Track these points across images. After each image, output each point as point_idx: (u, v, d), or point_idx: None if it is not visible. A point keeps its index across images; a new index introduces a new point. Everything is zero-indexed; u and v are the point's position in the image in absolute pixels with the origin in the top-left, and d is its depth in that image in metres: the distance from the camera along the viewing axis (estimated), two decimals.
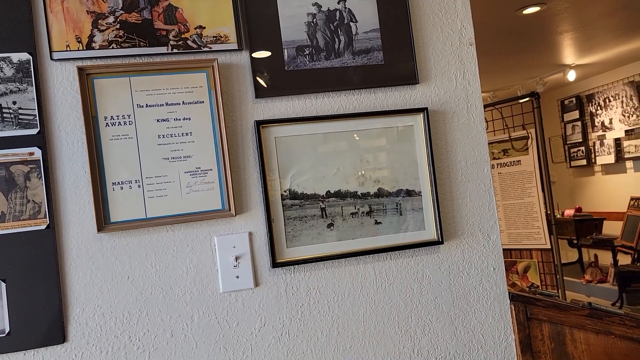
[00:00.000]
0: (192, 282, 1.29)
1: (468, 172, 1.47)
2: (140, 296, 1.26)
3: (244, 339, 1.31)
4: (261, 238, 1.33)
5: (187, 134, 1.29)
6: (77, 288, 1.23)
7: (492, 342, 1.46)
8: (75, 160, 1.24)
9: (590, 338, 1.51)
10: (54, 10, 1.23)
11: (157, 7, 1.28)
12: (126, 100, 1.26)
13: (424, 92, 1.45)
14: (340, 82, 1.39)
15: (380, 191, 1.40)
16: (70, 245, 1.23)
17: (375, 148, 1.40)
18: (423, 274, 1.43)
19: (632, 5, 4.45)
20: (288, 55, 1.36)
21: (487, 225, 1.48)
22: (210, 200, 1.29)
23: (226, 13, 1.32)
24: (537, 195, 4.03)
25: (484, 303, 1.46)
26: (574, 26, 4.93)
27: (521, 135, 4.12)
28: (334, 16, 1.39)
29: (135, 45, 1.26)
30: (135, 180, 1.25)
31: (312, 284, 1.36)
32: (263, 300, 1.33)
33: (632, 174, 7.17)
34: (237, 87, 1.34)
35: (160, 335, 1.26)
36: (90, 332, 1.23)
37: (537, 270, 4.07)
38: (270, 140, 1.34)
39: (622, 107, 7.07)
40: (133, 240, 1.26)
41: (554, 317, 1.49)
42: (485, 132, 1.50)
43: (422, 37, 1.46)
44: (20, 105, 1.20)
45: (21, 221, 1.19)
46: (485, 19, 4.38)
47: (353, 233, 1.38)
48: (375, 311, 1.39)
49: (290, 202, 1.35)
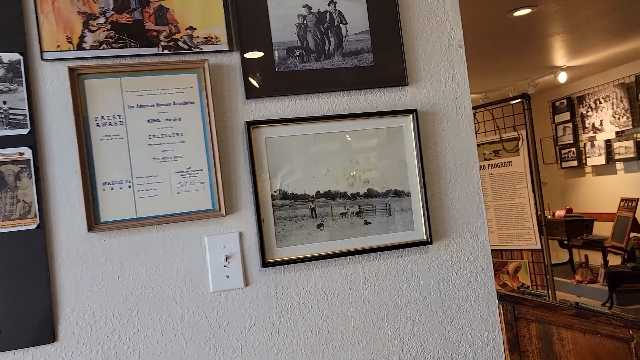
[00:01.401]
0: (183, 281, 1.29)
1: (457, 173, 1.49)
2: (131, 296, 1.26)
3: (234, 338, 1.32)
4: (251, 238, 1.34)
5: (178, 135, 1.29)
6: (68, 287, 1.23)
7: (480, 341, 1.47)
8: (66, 160, 1.24)
9: (577, 337, 1.52)
10: (44, 10, 1.23)
11: (148, 8, 1.29)
12: (117, 101, 1.26)
13: (413, 93, 1.46)
14: (330, 83, 1.40)
15: (369, 192, 1.41)
16: (60, 245, 1.23)
17: (365, 149, 1.42)
18: (412, 273, 1.44)
19: (622, 7, 4.49)
20: (278, 57, 1.37)
21: (475, 226, 1.49)
22: (201, 200, 1.30)
23: (217, 14, 1.33)
24: (527, 196, 4.06)
25: (472, 303, 1.47)
26: (565, 28, 4.96)
27: (512, 136, 4.15)
28: (324, 18, 1.40)
29: (126, 45, 1.27)
30: (125, 180, 1.26)
31: (301, 283, 1.37)
32: (253, 299, 1.33)
33: (622, 175, 7.23)
34: (227, 87, 1.35)
35: (151, 335, 1.27)
36: (81, 331, 1.23)
37: (527, 270, 4.10)
38: (261, 141, 1.35)
39: (613, 109, 7.13)
40: (123, 240, 1.27)
41: (542, 317, 1.51)
42: (474, 134, 1.51)
43: (412, 39, 1.47)
44: (10, 105, 1.21)
45: (11, 221, 1.19)
46: (476, 20, 4.40)
47: (343, 233, 1.39)
48: (364, 311, 1.40)
49: (281, 202, 1.36)
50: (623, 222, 5.99)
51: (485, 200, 4.44)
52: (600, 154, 7.41)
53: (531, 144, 3.99)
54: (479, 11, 4.20)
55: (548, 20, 4.64)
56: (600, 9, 4.48)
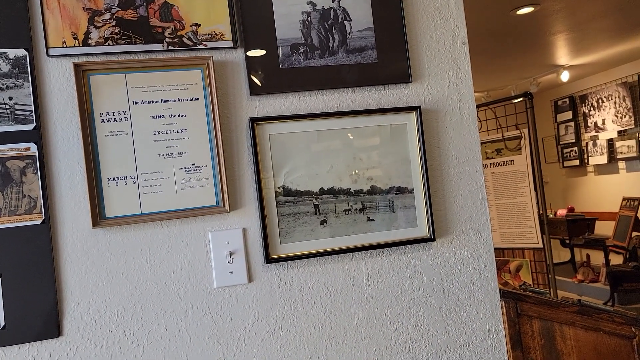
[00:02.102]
0: (187, 277, 1.30)
1: (460, 170, 1.49)
2: (135, 291, 1.27)
3: (238, 333, 1.32)
4: (255, 234, 1.35)
5: (182, 131, 1.30)
6: (72, 282, 1.24)
7: (483, 338, 1.48)
8: (71, 156, 1.25)
9: (579, 334, 1.53)
10: (50, 6, 1.24)
11: (153, 4, 1.29)
12: (122, 97, 1.27)
13: (417, 90, 1.47)
14: (334, 80, 1.40)
15: (373, 188, 1.42)
16: (65, 240, 1.24)
17: (368, 146, 1.42)
18: (415, 270, 1.44)
19: (625, 6, 4.48)
20: (282, 53, 1.37)
21: (478, 223, 1.50)
22: (205, 197, 1.30)
23: (221, 11, 1.33)
24: (529, 195, 4.06)
25: (475, 299, 1.48)
26: (568, 27, 4.96)
27: (514, 135, 4.15)
28: (329, 15, 1.40)
29: (131, 42, 1.27)
30: (130, 176, 1.26)
31: (305, 279, 1.37)
32: (257, 295, 1.34)
33: (624, 175, 7.22)
34: (231, 84, 1.35)
35: (155, 330, 1.28)
36: (85, 326, 1.24)
37: (529, 269, 4.10)
38: (265, 138, 1.35)
39: (615, 108, 7.12)
40: (128, 236, 1.27)
41: (544, 314, 1.51)
42: (478, 131, 1.52)
43: (416, 36, 1.47)
44: (16, 101, 1.21)
45: (17, 216, 1.20)
46: (479, 19, 4.40)
47: (346, 230, 1.39)
48: (367, 307, 1.41)
49: (284, 198, 1.36)
50: (625, 222, 5.98)
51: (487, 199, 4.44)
52: (603, 153, 7.40)
53: (533, 142, 3.99)
54: (482, 9, 4.20)
55: (551, 18, 4.64)
56: (603, 8, 4.47)
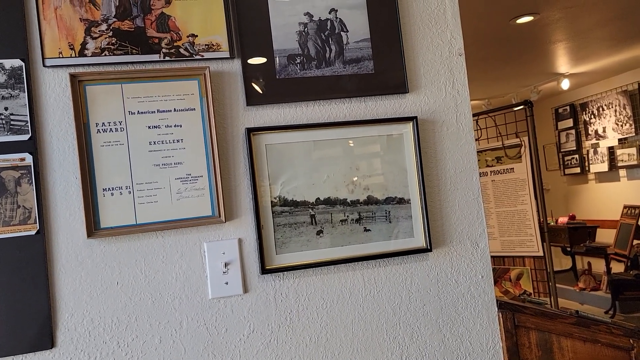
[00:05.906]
0: (182, 288, 1.29)
1: (457, 181, 1.49)
2: (130, 302, 1.26)
3: (233, 345, 1.31)
4: (251, 244, 1.34)
5: (178, 141, 1.30)
6: (66, 293, 1.23)
7: (480, 349, 1.47)
8: (66, 166, 1.25)
9: (577, 346, 1.52)
10: (47, 17, 1.24)
11: (150, 15, 1.29)
12: (118, 107, 1.27)
13: (413, 101, 1.47)
14: (330, 90, 1.40)
15: (369, 199, 1.41)
16: (59, 251, 1.23)
17: (365, 156, 1.42)
18: (412, 281, 1.44)
19: (625, 15, 4.49)
20: (279, 64, 1.37)
21: (475, 234, 1.49)
22: (201, 207, 1.30)
23: (218, 22, 1.33)
24: (530, 203, 4.05)
25: (472, 311, 1.47)
26: (568, 35, 4.97)
27: (514, 143, 4.14)
28: (325, 26, 1.40)
29: (127, 52, 1.28)
30: (125, 187, 1.26)
31: (301, 290, 1.37)
32: (252, 306, 1.33)
33: (625, 182, 7.21)
34: (228, 94, 1.35)
35: (149, 341, 1.27)
36: (79, 337, 1.23)
37: (529, 277, 4.09)
38: (261, 148, 1.35)
39: (616, 116, 7.12)
40: (123, 246, 1.27)
41: (542, 325, 1.50)
42: (474, 141, 1.51)
43: (412, 47, 1.48)
44: (12, 111, 1.21)
45: (11, 226, 1.20)
46: (479, 27, 4.41)
47: (342, 240, 1.39)
48: (363, 318, 1.40)
49: (280, 209, 1.36)
50: (626, 229, 5.97)
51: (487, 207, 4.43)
52: (603, 160, 7.40)
53: (534, 150, 3.98)
54: (482, 18, 4.21)
55: (551, 27, 4.65)
56: (603, 16, 4.48)
